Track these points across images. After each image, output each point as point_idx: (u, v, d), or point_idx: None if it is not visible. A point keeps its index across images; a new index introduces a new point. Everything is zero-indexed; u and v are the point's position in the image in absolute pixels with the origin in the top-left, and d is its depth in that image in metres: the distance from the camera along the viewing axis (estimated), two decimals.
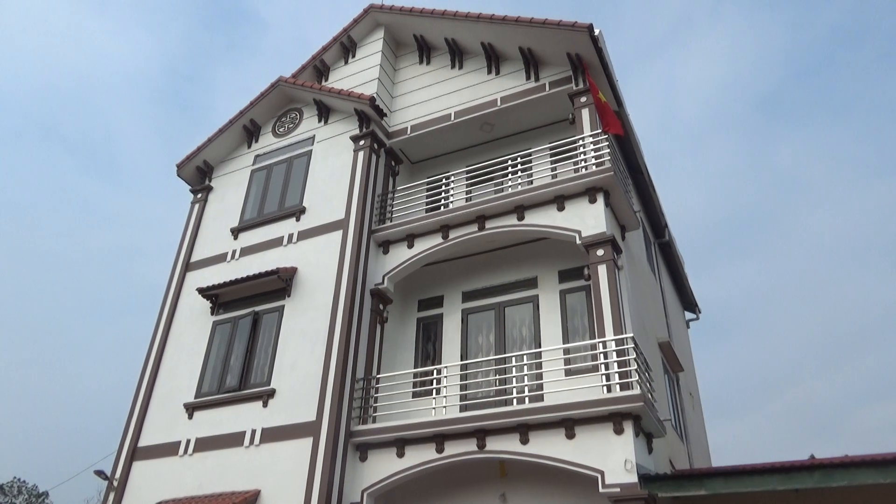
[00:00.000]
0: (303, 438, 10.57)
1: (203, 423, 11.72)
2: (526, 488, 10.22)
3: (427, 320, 12.90)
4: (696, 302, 19.41)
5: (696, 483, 8.79)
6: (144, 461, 11.91)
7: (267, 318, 12.42)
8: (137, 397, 12.79)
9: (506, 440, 9.71)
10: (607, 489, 8.74)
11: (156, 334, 13.51)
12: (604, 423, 9.18)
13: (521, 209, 11.69)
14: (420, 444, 10.29)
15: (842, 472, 7.89)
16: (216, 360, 12.42)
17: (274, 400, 11.29)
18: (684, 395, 15.41)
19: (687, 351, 18.21)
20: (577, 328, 11.42)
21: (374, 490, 10.34)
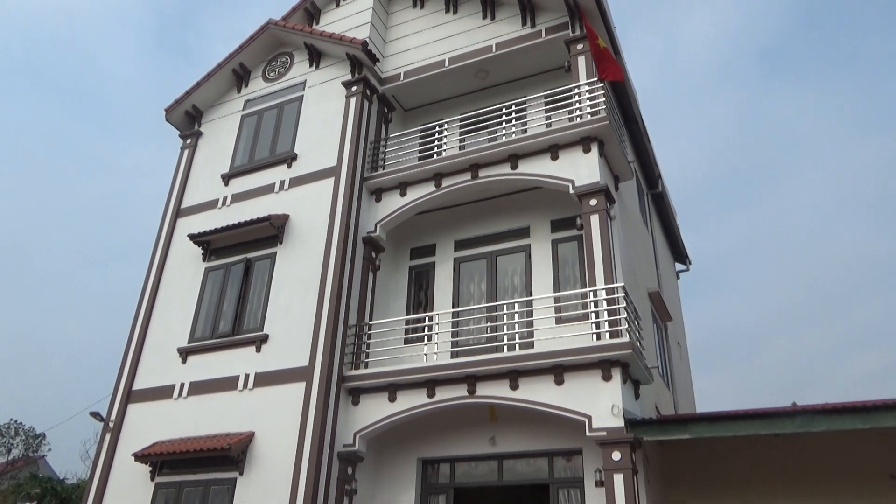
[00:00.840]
0: (296, 383, 10.71)
1: (197, 368, 11.85)
2: (515, 432, 10.46)
3: (419, 269, 12.95)
4: (686, 253, 19.55)
5: (680, 427, 9.01)
6: (140, 404, 12.07)
7: (259, 264, 12.42)
8: (131, 342, 12.87)
9: (496, 386, 9.88)
10: (594, 433, 8.96)
11: (147, 280, 13.51)
12: (592, 370, 9.35)
13: (514, 158, 11.61)
14: (411, 389, 10.47)
15: (822, 418, 8.10)
16: (209, 306, 12.47)
17: (267, 345, 11.40)
18: (672, 345, 15.67)
19: (676, 301, 18.43)
20: (568, 277, 11.50)
21: (367, 433, 10.55)
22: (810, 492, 9.93)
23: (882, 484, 9.54)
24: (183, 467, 10.93)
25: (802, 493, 9.95)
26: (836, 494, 9.78)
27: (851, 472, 9.77)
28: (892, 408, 7.79)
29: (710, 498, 10.46)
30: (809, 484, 9.96)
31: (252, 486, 10.26)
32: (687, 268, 19.78)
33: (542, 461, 10.37)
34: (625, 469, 8.62)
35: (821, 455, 9.98)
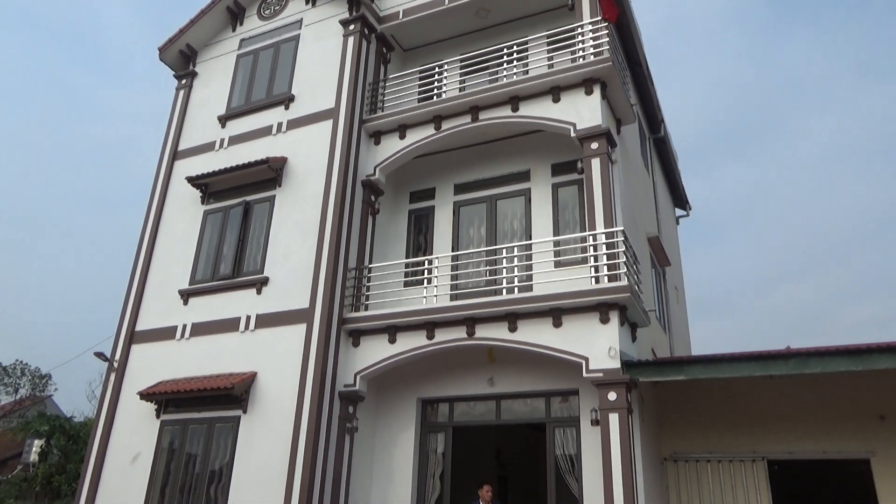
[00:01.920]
0: (297, 324, 10.84)
1: (198, 309, 11.96)
2: (513, 373, 10.65)
3: (418, 212, 12.92)
4: (686, 199, 19.49)
5: (675, 369, 9.17)
6: (143, 344, 12.24)
7: (258, 207, 12.39)
8: (132, 284, 12.96)
9: (494, 328, 10.00)
10: (591, 374, 9.12)
11: (146, 223, 13.50)
12: (590, 313, 9.44)
13: (515, 100, 11.43)
14: (411, 331, 10.60)
15: (816, 360, 8.22)
16: (209, 248, 12.50)
17: (267, 287, 11.48)
18: (670, 289, 15.79)
19: (675, 247, 18.48)
20: (568, 221, 11.49)
21: (367, 373, 10.74)
22: (802, 432, 10.20)
23: (872, 424, 9.79)
24: (187, 406, 11.17)
25: (794, 433, 10.22)
26: (827, 434, 10.05)
27: (843, 412, 10.01)
28: (884, 350, 7.90)
29: (703, 437, 10.74)
30: (801, 424, 10.22)
31: (255, 424, 10.50)
32: (687, 213, 19.76)
33: (539, 401, 10.59)
34: (620, 409, 8.81)
35: (813, 396, 10.20)
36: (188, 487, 10.67)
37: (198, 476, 10.66)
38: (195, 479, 10.67)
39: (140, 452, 11.23)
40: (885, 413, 9.75)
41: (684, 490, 10.60)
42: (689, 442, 10.82)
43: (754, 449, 10.36)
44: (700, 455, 10.66)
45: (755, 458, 10.32)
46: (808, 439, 10.14)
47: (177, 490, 10.72)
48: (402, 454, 11.03)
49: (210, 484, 10.52)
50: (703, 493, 10.47)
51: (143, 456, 11.19)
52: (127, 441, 11.48)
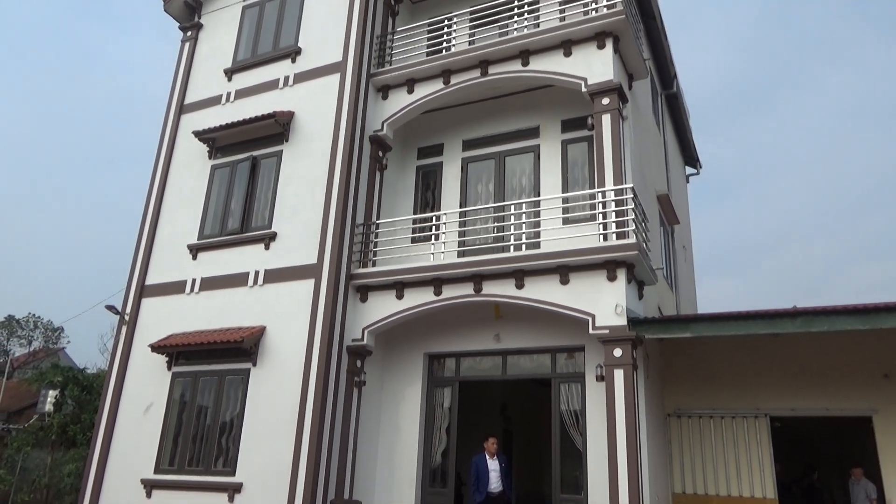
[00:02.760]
0: (305, 280, 10.90)
1: (207, 264, 12.04)
2: (519, 329, 10.72)
3: (426, 168, 12.84)
4: (697, 157, 19.28)
5: (681, 326, 9.21)
6: (153, 298, 12.37)
7: (265, 162, 12.33)
8: (141, 239, 13.02)
9: (502, 285, 10.03)
10: (597, 331, 9.18)
11: (154, 177, 13.49)
12: (598, 271, 9.44)
13: (526, 54, 11.23)
14: (419, 288, 10.65)
15: (822, 319, 8.24)
16: (216, 203, 12.50)
17: (275, 243, 11.51)
18: (678, 248, 15.75)
19: (684, 205, 18.36)
20: (577, 179, 11.40)
21: (375, 328, 10.84)
22: (805, 389, 10.30)
23: (876, 382, 9.87)
24: (198, 358, 11.35)
25: (798, 391, 10.33)
26: (830, 392, 10.14)
27: (847, 371, 10.08)
28: (891, 310, 7.90)
29: (706, 394, 10.87)
30: (805, 382, 10.31)
31: (265, 377, 10.67)
32: (697, 171, 19.57)
33: (545, 357, 10.69)
34: (625, 365, 8.89)
35: (818, 355, 10.27)
36: (200, 437, 10.92)
37: (209, 427, 10.90)
38: (207, 429, 10.91)
39: (152, 403, 11.46)
40: (890, 371, 9.81)
41: (686, 445, 10.79)
42: (692, 398, 10.96)
43: (757, 406, 10.49)
44: (703, 411, 10.81)
45: (757, 415, 10.46)
46: (810, 397, 10.25)
47: (189, 440, 10.98)
48: (409, 407, 11.22)
49: (221, 434, 10.76)
50: (704, 448, 10.66)
51: (155, 407, 11.42)
52: (139, 392, 11.71)
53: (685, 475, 10.69)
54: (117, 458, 11.46)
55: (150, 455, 11.16)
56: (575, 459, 9.92)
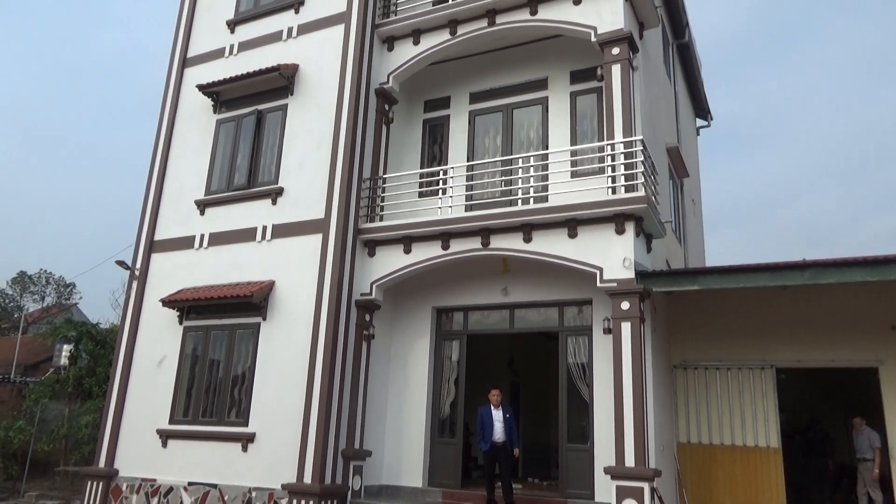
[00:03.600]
0: (313, 235, 10.92)
1: (215, 219, 12.06)
2: (527, 283, 10.76)
3: (433, 122, 12.70)
4: (708, 108, 18.95)
5: (689, 279, 9.20)
6: (162, 253, 12.45)
7: (271, 116, 12.22)
8: (148, 194, 13.03)
9: (509, 239, 10.01)
10: (605, 284, 9.19)
11: (159, 132, 13.40)
12: (606, 224, 9.40)
13: (534, 2, 10.94)
14: (426, 242, 10.65)
15: (832, 271, 8.21)
16: (223, 158, 12.45)
17: (282, 198, 11.49)
18: (687, 201, 15.64)
19: (694, 157, 18.15)
20: (585, 131, 11.26)
21: (383, 282, 10.90)
22: (812, 341, 10.34)
23: (883, 333, 9.89)
24: (209, 313, 11.48)
25: (804, 343, 10.37)
26: (836, 343, 10.18)
27: (854, 323, 10.10)
28: None
29: (713, 346, 10.93)
30: (811, 334, 10.34)
31: (275, 331, 10.80)
32: (708, 123, 19.27)
33: (553, 310, 10.75)
34: (632, 318, 8.93)
35: (825, 307, 10.27)
36: (213, 389, 11.13)
37: (221, 379, 11.09)
38: (219, 381, 11.11)
39: (165, 356, 11.65)
40: None
41: (692, 395, 10.92)
42: (698, 351, 11.04)
43: (763, 357, 10.56)
44: (709, 363, 10.89)
45: (764, 366, 10.53)
46: (817, 348, 10.30)
47: (202, 392, 11.19)
48: (417, 360, 11.37)
49: (234, 386, 10.95)
50: (710, 399, 10.78)
51: (168, 359, 11.61)
52: (152, 346, 11.89)
53: (690, 425, 10.84)
54: (133, 410, 11.71)
55: (164, 406, 11.40)
56: (581, 411, 10.06)
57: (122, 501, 11.27)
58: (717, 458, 10.54)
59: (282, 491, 9.86)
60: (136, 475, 11.31)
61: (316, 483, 9.56)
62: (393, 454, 11.09)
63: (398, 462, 11.03)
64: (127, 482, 11.35)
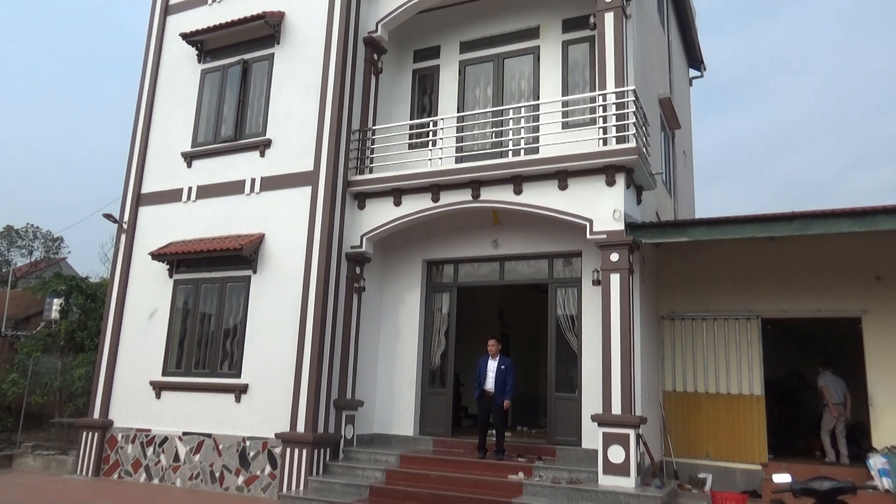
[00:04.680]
0: (302, 187, 10.83)
1: (202, 172, 11.93)
2: (517, 235, 10.78)
3: (423, 72, 12.48)
4: (702, 59, 18.70)
5: (679, 230, 9.24)
6: (150, 206, 12.34)
7: (257, 66, 11.96)
8: (134, 147, 12.83)
9: (500, 190, 9.98)
10: (594, 235, 9.21)
11: (143, 83, 13.12)
12: (596, 175, 9.37)
13: None
14: (416, 194, 10.60)
15: (819, 222, 8.26)
16: (209, 110, 12.23)
17: (270, 150, 11.36)
18: (678, 153, 15.58)
19: (686, 109, 18.00)
20: (577, 82, 11.11)
21: (373, 235, 10.88)
22: (797, 292, 10.47)
23: (867, 284, 10.03)
24: (198, 266, 11.46)
25: (790, 294, 10.51)
26: (822, 294, 10.32)
27: (839, 274, 10.23)
28: (888, 212, 7.91)
29: (700, 297, 11.07)
30: (797, 285, 10.48)
31: (266, 283, 10.81)
32: (701, 74, 19.03)
33: (543, 263, 10.80)
34: (621, 269, 8.99)
35: (811, 259, 10.38)
36: (205, 341, 11.20)
37: (213, 332, 11.15)
38: (211, 334, 11.17)
39: (156, 309, 11.67)
40: (882, 274, 9.95)
41: (679, 345, 11.10)
42: (686, 302, 11.17)
43: (749, 308, 10.71)
44: (696, 313, 11.04)
45: (750, 317, 10.69)
46: (802, 299, 10.44)
47: (194, 344, 11.26)
48: (408, 312, 11.45)
49: (226, 339, 11.02)
50: (696, 349, 10.96)
51: (159, 313, 11.64)
52: (142, 299, 11.90)
53: (676, 374, 11.05)
54: (125, 362, 11.79)
55: (157, 359, 11.48)
56: (570, 361, 10.22)
57: (118, 451, 11.45)
58: (702, 406, 10.78)
59: (275, 440, 10.04)
60: (130, 426, 11.46)
61: (309, 432, 9.73)
62: (384, 404, 11.27)
63: (389, 412, 11.22)
64: (122, 432, 11.51)
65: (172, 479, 10.81)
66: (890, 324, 9.84)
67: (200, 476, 10.60)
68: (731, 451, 10.46)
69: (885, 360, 9.79)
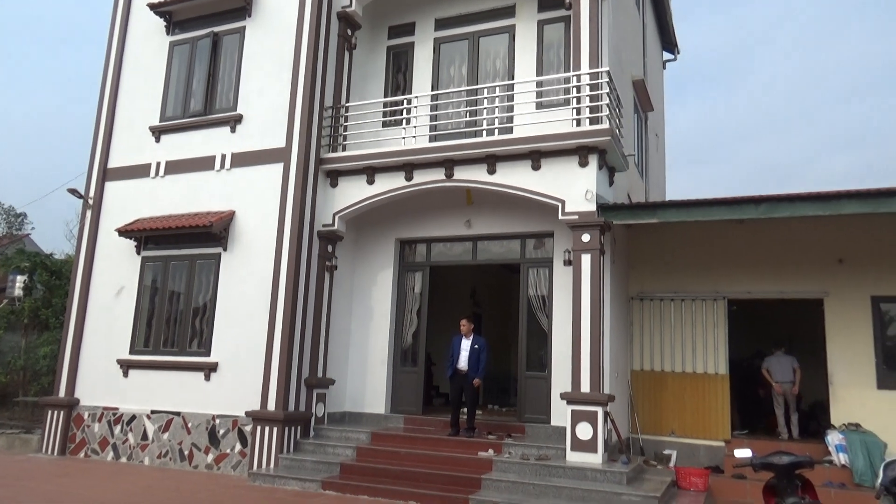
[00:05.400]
0: (273, 164, 10.69)
1: (171, 147, 11.69)
2: (490, 215, 10.80)
3: (397, 49, 12.35)
4: (676, 42, 18.80)
5: (649, 212, 9.35)
6: (117, 182, 12.07)
7: (227, 39, 11.71)
8: (100, 120, 12.51)
9: (473, 170, 9.97)
10: (566, 216, 9.27)
11: (109, 54, 12.76)
12: (570, 156, 9.40)
13: None
14: (389, 172, 10.54)
15: (786, 205, 8.42)
16: (177, 83, 11.97)
17: (241, 125, 11.17)
18: (650, 135, 15.71)
19: (659, 91, 18.12)
20: (552, 62, 11.10)
21: (345, 213, 10.81)
22: (762, 274, 10.71)
23: (829, 267, 10.30)
24: (167, 243, 11.27)
25: (755, 276, 10.74)
26: (786, 276, 10.57)
27: (803, 257, 10.48)
28: (851, 196, 8.09)
29: (669, 279, 11.26)
30: (762, 267, 10.71)
31: (236, 261, 10.69)
32: (675, 57, 19.15)
33: (515, 243, 10.85)
34: (592, 250, 9.07)
35: (776, 242, 10.61)
36: (174, 320, 11.06)
37: (182, 310, 11.01)
38: (180, 312, 11.03)
39: (123, 287, 11.48)
40: (844, 256, 10.21)
41: (647, 326, 11.29)
42: (655, 283, 11.35)
43: (716, 289, 10.92)
44: (665, 294, 11.23)
45: (716, 298, 10.91)
46: (767, 281, 10.68)
47: (163, 322, 11.11)
48: (380, 291, 11.44)
49: (195, 317, 10.90)
50: (664, 329, 11.17)
51: (126, 290, 11.45)
52: (109, 276, 11.69)
53: (644, 354, 11.26)
54: (92, 341, 11.60)
55: (124, 337, 11.31)
56: (540, 340, 10.33)
57: (85, 429, 11.30)
58: (668, 385, 11.01)
59: (246, 418, 10.00)
60: (97, 404, 11.31)
61: (280, 410, 9.71)
62: (356, 383, 11.28)
63: (361, 390, 11.24)
64: (88, 411, 11.35)
65: (140, 457, 10.72)
66: (850, 305, 10.12)
67: (169, 454, 10.53)
68: (696, 429, 10.72)
69: (844, 341, 10.09)
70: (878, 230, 10.00)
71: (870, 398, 9.83)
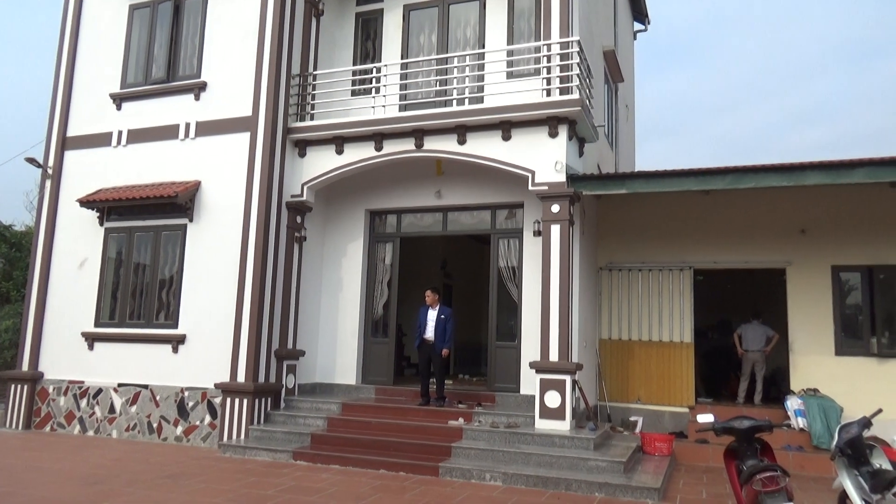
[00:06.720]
0: (240, 133, 10.48)
1: (133, 115, 11.38)
2: (460, 186, 10.77)
3: (366, 16, 12.10)
4: (646, 13, 18.77)
5: (618, 183, 9.40)
6: (77, 151, 11.73)
7: (189, 4, 11.36)
8: (57, 86, 12.09)
9: (443, 140, 9.90)
10: (536, 187, 9.28)
11: (66, 17, 12.28)
12: (540, 127, 9.38)
13: None
14: (359, 142, 10.41)
15: (751, 176, 8.53)
16: (138, 49, 11.60)
17: (206, 93, 10.90)
18: (620, 107, 15.74)
19: (630, 62, 18.13)
20: (522, 31, 10.98)
21: (314, 184, 10.67)
22: (728, 244, 10.90)
23: (792, 237, 10.53)
24: (131, 214, 11.04)
25: (720, 246, 10.93)
26: (750, 246, 10.78)
27: (767, 228, 10.68)
28: (815, 167, 8.23)
29: (637, 249, 11.39)
30: (728, 238, 10.89)
31: (203, 233, 10.52)
32: (645, 28, 19.13)
33: (485, 213, 10.86)
34: (562, 220, 9.11)
35: (741, 213, 10.79)
36: (139, 292, 10.88)
37: (148, 282, 10.83)
38: (146, 284, 10.85)
39: (87, 259, 11.23)
40: (806, 227, 10.43)
41: (615, 295, 11.45)
42: (624, 253, 11.49)
43: (683, 259, 11.10)
44: (633, 264, 11.38)
45: (683, 268, 11.09)
46: (732, 251, 10.88)
47: (128, 294, 10.93)
48: (350, 262, 11.38)
49: (161, 289, 10.74)
50: (632, 299, 11.34)
51: (90, 262, 11.21)
52: (71, 248, 11.42)
53: (612, 323, 11.43)
54: (55, 313, 11.37)
55: (89, 309, 11.11)
56: (510, 311, 10.41)
57: (50, 403, 11.14)
58: (635, 353, 11.22)
59: (215, 390, 9.94)
60: (62, 378, 11.14)
61: (249, 381, 9.67)
62: (327, 354, 11.27)
63: (332, 361, 11.24)
64: (53, 384, 11.18)
65: (108, 430, 10.62)
66: (810, 274, 10.38)
67: (137, 427, 10.44)
68: (661, 396, 10.97)
69: (805, 309, 10.37)
70: (839, 201, 10.23)
71: (828, 364, 10.14)
